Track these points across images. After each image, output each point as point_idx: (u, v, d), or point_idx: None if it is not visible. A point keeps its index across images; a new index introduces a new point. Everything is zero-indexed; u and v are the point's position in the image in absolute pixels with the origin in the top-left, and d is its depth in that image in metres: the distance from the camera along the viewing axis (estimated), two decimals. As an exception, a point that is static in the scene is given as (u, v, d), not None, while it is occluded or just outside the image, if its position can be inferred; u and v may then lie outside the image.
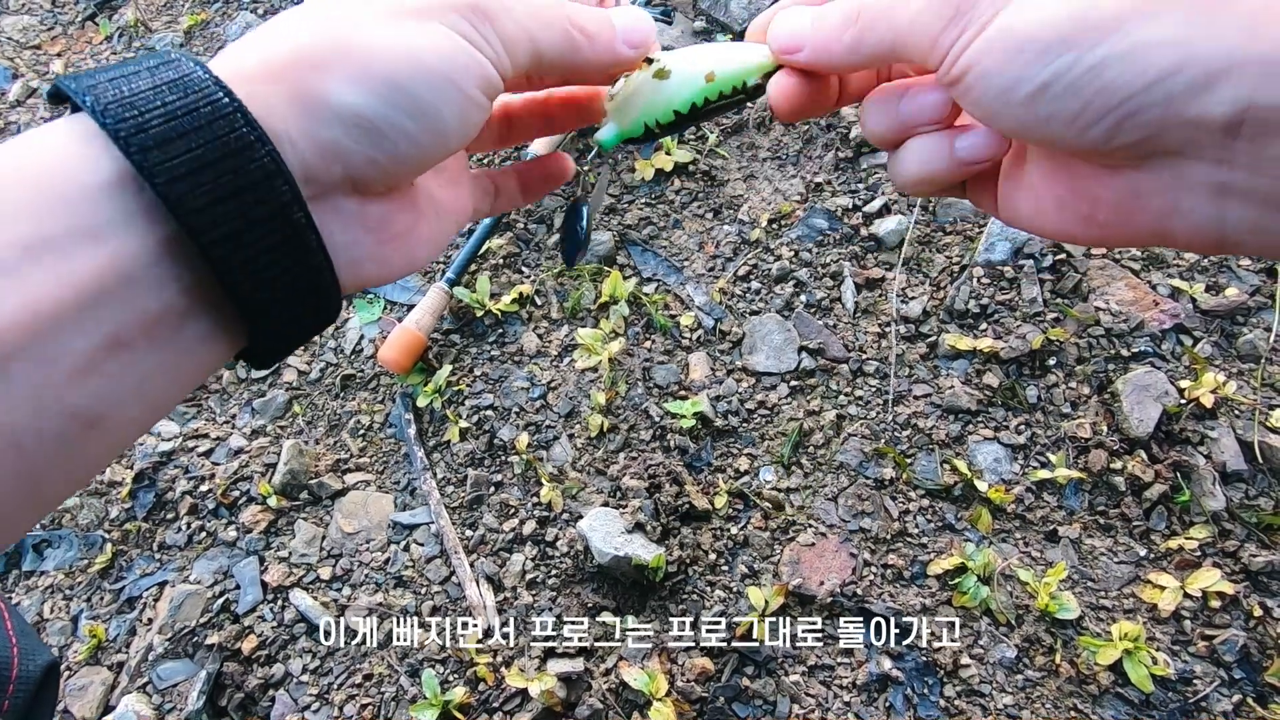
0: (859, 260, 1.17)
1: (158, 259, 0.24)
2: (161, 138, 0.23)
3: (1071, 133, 0.26)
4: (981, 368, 1.06)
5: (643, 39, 0.34)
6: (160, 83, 0.24)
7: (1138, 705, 0.86)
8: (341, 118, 0.26)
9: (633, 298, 1.18)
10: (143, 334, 0.24)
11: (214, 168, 0.23)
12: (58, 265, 0.22)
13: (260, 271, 0.25)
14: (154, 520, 1.13)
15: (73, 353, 0.22)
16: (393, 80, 0.26)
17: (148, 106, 0.23)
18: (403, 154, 0.28)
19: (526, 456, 1.08)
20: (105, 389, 0.24)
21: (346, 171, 0.27)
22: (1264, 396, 0.99)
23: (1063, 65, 0.25)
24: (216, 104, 0.24)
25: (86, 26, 1.80)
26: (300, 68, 0.26)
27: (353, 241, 0.29)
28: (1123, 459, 0.98)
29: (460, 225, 0.37)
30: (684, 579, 0.97)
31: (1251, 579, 0.91)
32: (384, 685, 0.96)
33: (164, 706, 0.97)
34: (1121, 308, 1.06)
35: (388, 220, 0.30)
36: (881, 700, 0.89)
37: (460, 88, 0.28)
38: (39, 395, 0.22)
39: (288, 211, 0.25)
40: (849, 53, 0.32)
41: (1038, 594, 0.91)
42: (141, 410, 0.25)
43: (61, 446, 0.23)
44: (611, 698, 0.90)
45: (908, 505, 1.00)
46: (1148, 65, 0.24)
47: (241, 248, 0.24)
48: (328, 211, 0.27)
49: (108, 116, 0.23)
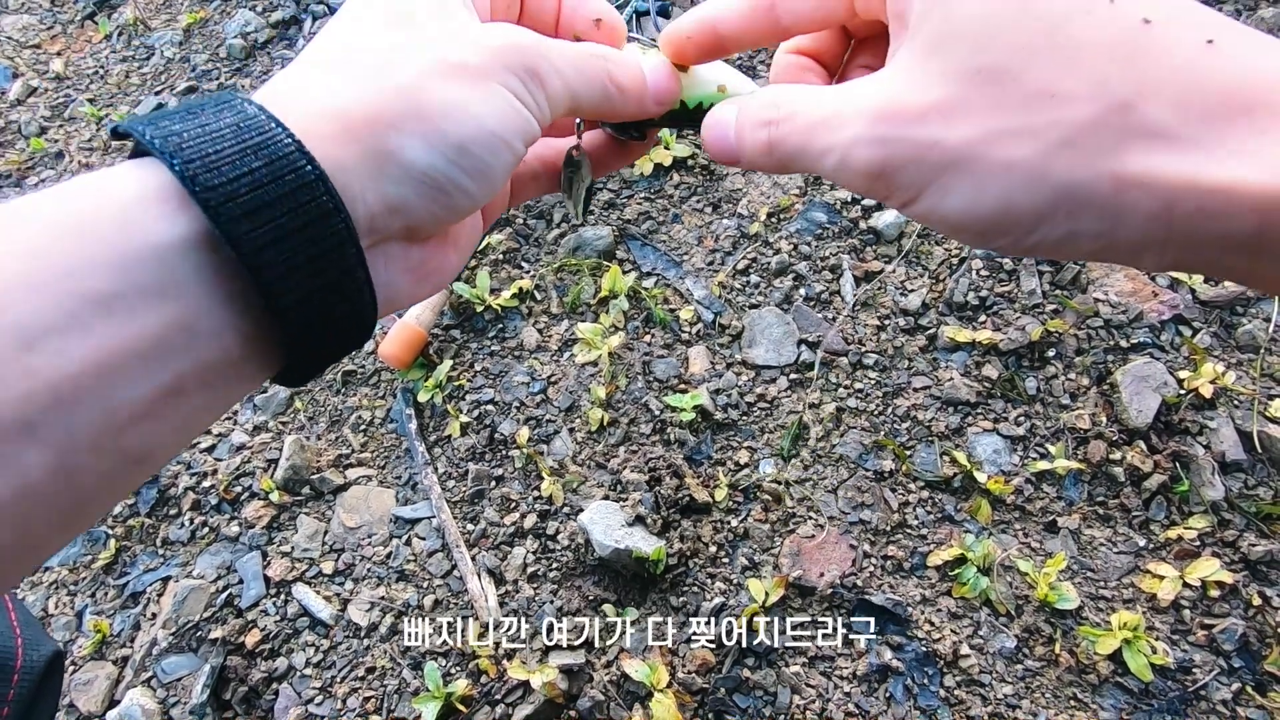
0: (858, 253, 1.17)
1: (221, 312, 0.25)
2: (250, 207, 0.24)
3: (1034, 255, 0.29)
4: (981, 360, 1.06)
5: (670, 97, 0.37)
6: (246, 147, 0.25)
7: (1137, 694, 0.87)
8: (412, 177, 0.27)
9: (632, 292, 1.18)
10: (198, 381, 0.25)
11: (295, 236, 0.24)
12: (126, 320, 0.23)
13: (320, 324, 0.26)
14: (157, 516, 1.13)
15: (133, 400, 0.23)
16: (461, 144, 0.28)
17: (234, 173, 0.24)
18: (459, 207, 0.29)
19: (527, 450, 1.08)
20: (157, 430, 0.25)
21: (406, 223, 0.29)
22: (1263, 386, 0.99)
23: (1002, 245, 0.28)
24: (300, 172, 0.25)
25: (86, 25, 1.80)
26: (375, 126, 0.27)
27: (393, 281, 0.30)
28: (1122, 449, 0.98)
29: (480, 234, 0.39)
30: (684, 571, 0.98)
31: (1250, 568, 0.91)
32: (387, 678, 0.97)
33: (168, 700, 0.98)
34: (1120, 299, 1.06)
35: (428, 260, 0.32)
36: (882, 690, 0.90)
37: (511, 146, 0.29)
38: (98, 439, 0.23)
39: (353, 274, 0.26)
40: (778, 171, 0.34)
41: (1037, 584, 0.91)
42: (181, 442, 0.27)
43: (108, 481, 0.24)
44: (613, 689, 0.91)
45: (907, 497, 1.00)
46: (1079, 246, 0.26)
47: (310, 308, 0.26)
48: (378, 256, 0.29)
49: (196, 184, 0.23)
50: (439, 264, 0.33)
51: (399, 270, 0.30)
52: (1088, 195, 0.25)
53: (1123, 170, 0.24)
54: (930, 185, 0.27)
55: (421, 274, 0.32)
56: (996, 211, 0.26)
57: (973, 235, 0.28)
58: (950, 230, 0.29)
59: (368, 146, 0.26)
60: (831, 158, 0.29)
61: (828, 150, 0.29)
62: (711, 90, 0.38)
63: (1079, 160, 0.25)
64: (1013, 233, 0.27)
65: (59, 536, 0.24)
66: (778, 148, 0.32)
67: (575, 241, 1.23)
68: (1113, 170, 0.24)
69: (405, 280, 0.31)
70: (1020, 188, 0.26)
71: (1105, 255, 0.27)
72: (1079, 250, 0.27)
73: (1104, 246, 0.26)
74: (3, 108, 1.68)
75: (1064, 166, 0.25)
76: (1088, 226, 0.25)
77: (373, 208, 0.27)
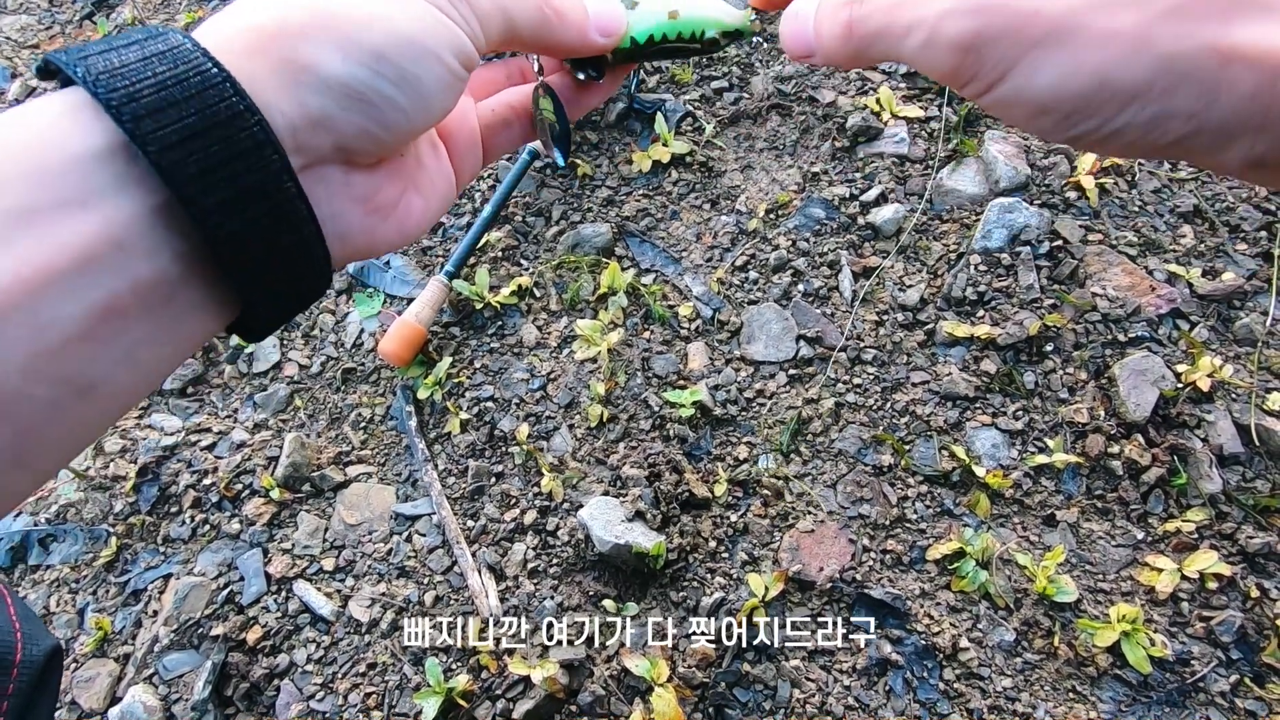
0: (856, 249, 1.18)
1: (150, 227, 0.24)
2: (153, 106, 0.23)
3: (1104, 154, 0.28)
4: (979, 354, 1.07)
5: (614, 28, 0.35)
6: (150, 54, 0.24)
7: (1136, 686, 0.87)
8: (330, 87, 0.26)
9: (631, 289, 1.19)
10: (136, 301, 0.24)
11: (205, 136, 0.24)
12: (48, 233, 0.22)
13: (250, 240, 0.25)
14: (158, 514, 1.14)
15: (65, 319, 0.23)
16: (378, 50, 0.27)
17: (138, 77, 0.24)
18: (390, 122, 0.28)
19: (527, 447, 1.09)
20: (97, 356, 0.24)
21: (336, 141, 0.27)
22: (1261, 380, 0.99)
23: (1087, 129, 0.27)
24: (205, 74, 0.24)
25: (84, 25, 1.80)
26: (286, 37, 0.26)
27: (340, 212, 0.29)
28: (1120, 443, 0.98)
29: (455, 189, 0.37)
30: (684, 566, 0.98)
31: (1248, 561, 0.91)
32: (388, 674, 0.97)
33: (170, 697, 0.98)
34: (1118, 293, 1.06)
35: (375, 191, 0.31)
36: (881, 684, 0.90)
37: (439, 58, 0.29)
38: (30, 362, 0.22)
39: (278, 180, 0.25)
40: (853, 62, 0.32)
41: (1036, 578, 0.92)
42: (132, 378, 0.25)
43: (52, 413, 0.23)
44: (613, 684, 0.91)
45: (906, 491, 1.00)
46: (1167, 131, 0.25)
47: (232, 216, 0.24)
48: (315, 182, 0.28)
49: (99, 86, 0.23)
50: (393, 200, 0.32)
51: (344, 199, 0.29)
52: (1188, 67, 0.24)
53: (1228, 41, 0.23)
54: (1022, 60, 0.26)
55: (374, 207, 0.31)
56: (1091, 87, 0.25)
57: (1057, 119, 0.27)
58: (1032, 113, 0.27)
59: (280, 56, 0.26)
60: (918, 34, 0.28)
61: (915, 25, 0.28)
62: (662, 18, 0.36)
63: (1184, 29, 0.24)
64: (1101, 113, 0.26)
65: (11, 475, 0.23)
66: (858, 28, 0.30)
67: (574, 238, 1.24)
68: (1218, 41, 0.24)
69: (355, 213, 0.30)
70: (1119, 59, 0.25)
71: (1189, 144, 0.25)
72: (1164, 136, 0.25)
73: (1192, 131, 0.25)
74: (1, 108, 1.69)
75: (1168, 36, 0.24)
76: (1181, 104, 0.24)
77: (292, 119, 0.26)
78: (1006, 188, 1.16)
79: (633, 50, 0.37)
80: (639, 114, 1.34)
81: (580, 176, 1.29)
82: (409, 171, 0.33)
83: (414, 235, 0.34)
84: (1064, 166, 1.16)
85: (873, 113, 1.25)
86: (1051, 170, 1.17)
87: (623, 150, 1.32)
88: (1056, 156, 1.18)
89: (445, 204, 0.36)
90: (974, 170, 1.19)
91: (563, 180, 1.31)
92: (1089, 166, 1.14)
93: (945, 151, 1.22)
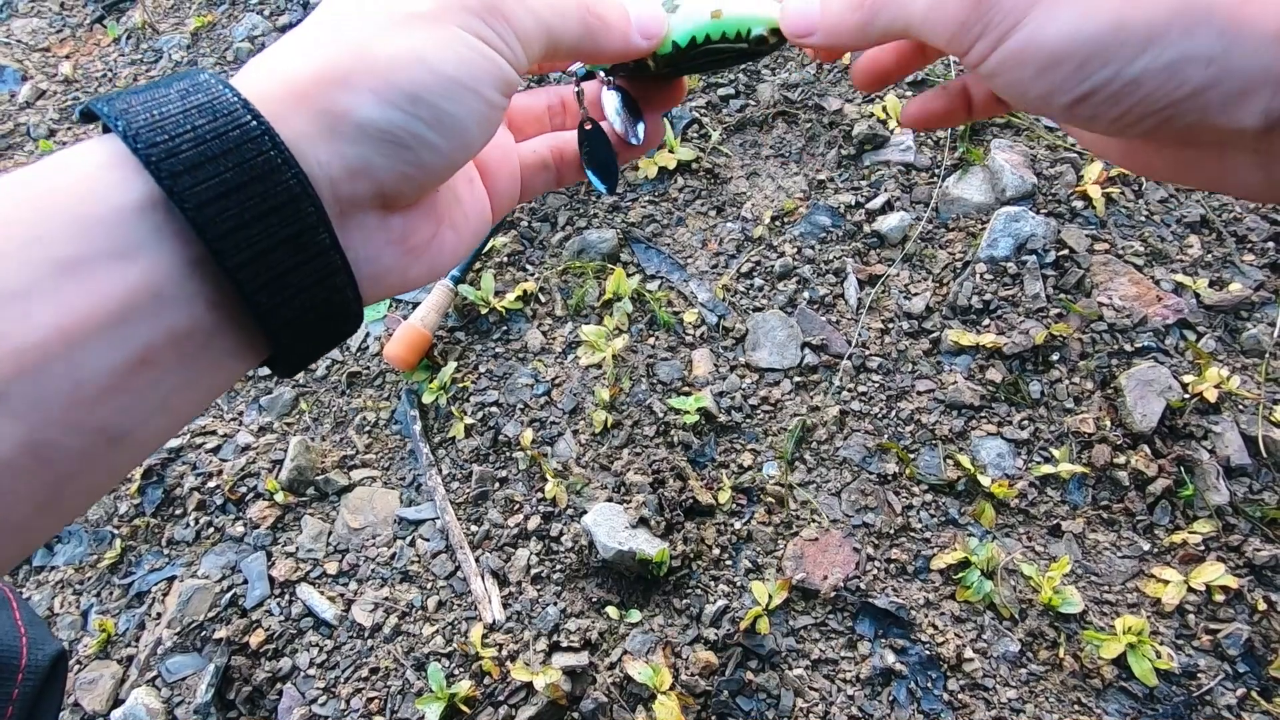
0: (862, 257, 1.17)
1: (186, 278, 0.24)
2: (191, 162, 0.24)
3: (1114, 129, 0.27)
4: (984, 363, 1.06)
5: (655, 29, 0.35)
6: (190, 107, 0.24)
7: (1141, 699, 0.86)
8: (367, 134, 0.26)
9: (636, 295, 1.19)
10: (171, 350, 0.24)
11: (241, 192, 0.24)
12: (89, 284, 0.23)
13: (283, 290, 0.25)
14: (162, 516, 1.14)
15: (102, 370, 0.23)
16: (413, 93, 0.26)
17: (178, 131, 0.24)
18: (428, 164, 0.28)
19: (531, 452, 1.09)
20: (132, 405, 0.24)
21: (375, 186, 0.27)
22: (1268, 391, 0.99)
23: (1101, 79, 0.25)
24: (245, 128, 0.24)
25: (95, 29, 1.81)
26: (324, 85, 0.26)
27: (375, 255, 0.29)
28: (1126, 454, 0.98)
29: (489, 222, 0.36)
30: (688, 574, 0.98)
31: (1255, 573, 0.91)
32: (390, 678, 0.97)
33: (173, 700, 0.98)
34: (1125, 303, 1.06)
35: (412, 232, 0.30)
36: (885, 694, 0.89)
37: (479, 93, 0.28)
38: (69, 412, 0.22)
39: (313, 233, 0.25)
40: (858, 37, 0.32)
41: (1041, 588, 0.91)
42: (165, 424, 0.26)
43: (85, 461, 0.24)
44: (616, 691, 0.91)
45: (911, 500, 1.00)
46: (1185, 80, 0.24)
47: (265, 268, 0.25)
48: (353, 228, 0.28)
49: (139, 141, 0.23)
50: (427, 239, 0.31)
51: (380, 242, 0.29)
52: (1207, 5, 0.23)
53: None
54: (1035, 7, 0.26)
55: (408, 247, 0.30)
56: (1107, 29, 0.25)
57: (1069, 70, 0.26)
58: (1043, 66, 0.26)
59: (317, 107, 0.26)
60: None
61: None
62: (704, 19, 0.35)
63: None
64: (1118, 58, 0.25)
65: (40, 519, 0.24)
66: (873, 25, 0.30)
67: (579, 244, 1.24)
68: None
69: (390, 254, 0.30)
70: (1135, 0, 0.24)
71: (1206, 98, 0.24)
72: (1181, 86, 0.24)
73: (1211, 79, 0.24)
74: (12, 110, 1.70)
75: None
76: (1201, 46, 0.24)
77: (331, 170, 0.26)
78: (1013, 196, 1.16)
79: (675, 55, 0.35)
80: (645, 120, 1.34)
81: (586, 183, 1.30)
82: (444, 208, 0.33)
83: (445, 270, 0.33)
84: (1070, 176, 1.16)
85: (879, 120, 1.25)
86: (1058, 179, 1.16)
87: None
88: (1063, 166, 1.18)
89: (477, 237, 0.35)
90: (980, 179, 1.19)
91: (569, 186, 1.31)
92: (1095, 176, 1.14)
93: (951, 160, 1.22)
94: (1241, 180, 0.28)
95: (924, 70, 1.29)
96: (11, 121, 1.68)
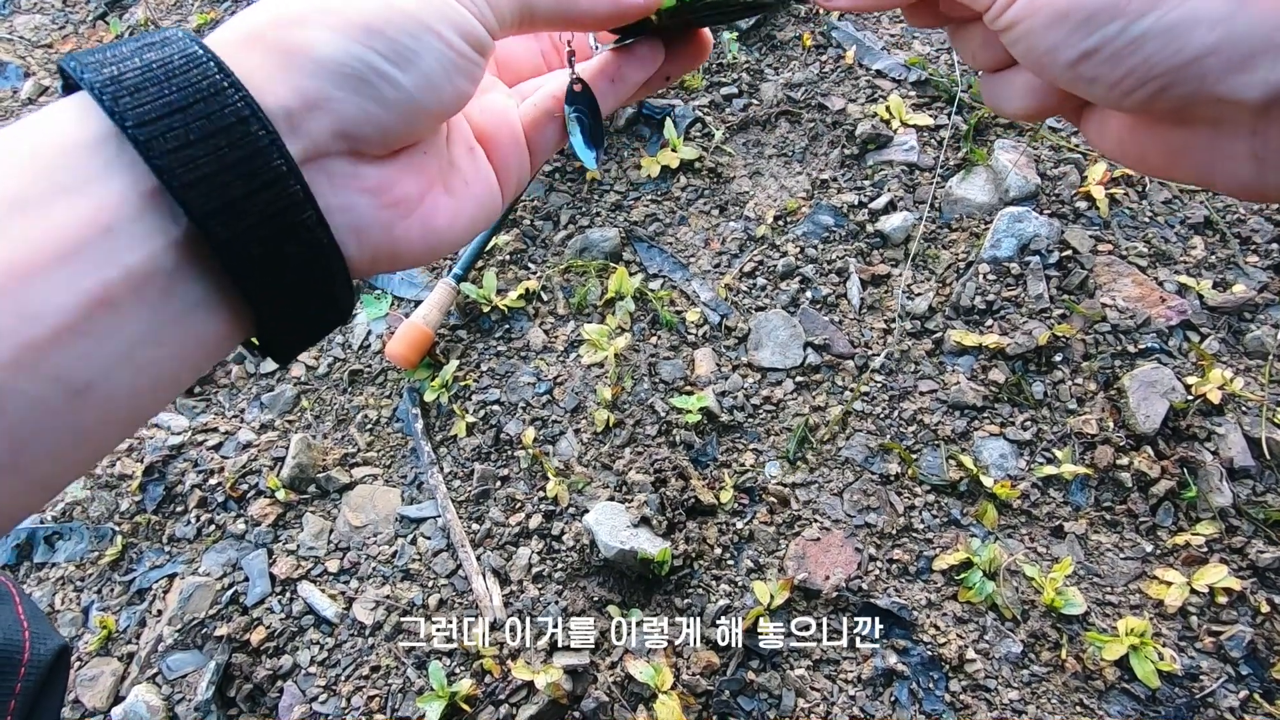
0: (865, 256, 1.17)
1: (140, 211, 0.23)
2: (135, 85, 0.23)
3: (1114, 95, 0.27)
4: (987, 364, 1.06)
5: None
6: (143, 45, 0.25)
7: (1144, 701, 0.86)
8: (324, 67, 0.25)
9: (639, 294, 1.19)
10: (129, 291, 0.23)
11: (185, 111, 0.23)
12: (38, 219, 0.22)
13: (240, 219, 0.24)
14: (163, 513, 1.14)
15: (55, 309, 0.22)
16: (370, 26, 0.26)
17: (127, 65, 0.24)
18: (391, 102, 0.27)
19: (533, 451, 1.08)
20: (91, 352, 0.23)
21: (336, 125, 0.26)
22: (1272, 393, 0.99)
23: (1107, 35, 0.26)
24: (191, 55, 0.24)
25: (97, 25, 1.81)
26: (280, 25, 0.26)
27: (350, 205, 0.27)
28: (1129, 455, 0.97)
29: (499, 194, 0.35)
30: (689, 573, 0.98)
31: (1259, 575, 0.90)
32: (391, 677, 0.97)
33: (173, 697, 0.98)
34: (1128, 304, 1.06)
35: (389, 183, 0.29)
36: (887, 695, 0.89)
37: (438, 33, 0.27)
38: (19, 354, 0.21)
39: (265, 157, 0.24)
40: None
41: (1043, 589, 0.91)
42: (133, 380, 0.24)
43: (44, 412, 0.22)
44: (617, 690, 0.91)
45: (913, 501, 1.00)
46: (1188, 42, 0.24)
47: (215, 192, 0.23)
48: (317, 172, 0.26)
49: (86, 72, 0.23)
50: (413, 196, 0.30)
51: (352, 191, 0.27)
52: None
53: None
54: None
55: (390, 200, 0.29)
56: None
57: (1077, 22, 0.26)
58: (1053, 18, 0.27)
59: (271, 44, 0.25)
60: None
61: None
62: None
63: None
64: (1124, 15, 0.25)
65: (2, 479, 0.22)
66: None
67: (582, 243, 1.24)
68: None
69: (367, 203, 0.28)
70: None
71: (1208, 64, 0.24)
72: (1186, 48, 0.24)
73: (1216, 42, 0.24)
74: (15, 106, 1.70)
75: None
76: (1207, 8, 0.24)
77: (286, 102, 0.25)
78: (1016, 197, 1.15)
79: (679, 8, 0.33)
80: (648, 119, 1.34)
81: (589, 181, 1.30)
82: (434, 170, 0.31)
83: (447, 237, 0.31)
84: (1074, 176, 1.16)
85: (882, 120, 1.25)
86: (1061, 180, 1.16)
87: (631, 155, 1.32)
88: (1066, 166, 1.18)
89: (484, 209, 0.34)
90: (983, 179, 1.19)
91: (571, 185, 1.31)
92: (1099, 177, 1.14)
93: (955, 160, 1.22)
94: (1231, 171, 0.27)
95: (925, 71, 1.29)
96: (14, 118, 1.68)
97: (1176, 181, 1.01)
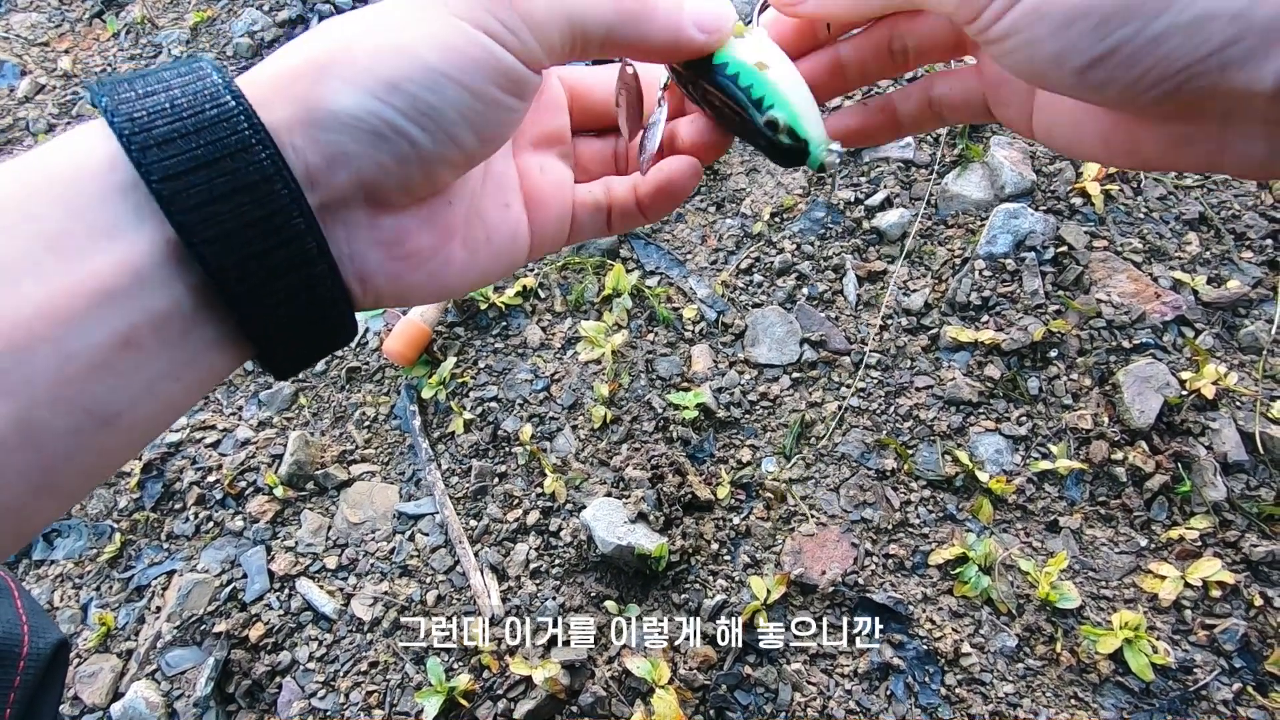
0: (861, 253, 1.18)
1: (165, 259, 0.24)
2: (163, 137, 0.23)
3: (1125, 98, 0.26)
4: (983, 359, 1.07)
5: (716, 24, 0.30)
6: (174, 85, 0.24)
7: (1138, 694, 0.87)
8: (342, 122, 0.25)
9: (635, 290, 1.19)
10: (153, 334, 0.24)
11: (211, 168, 0.23)
12: (76, 262, 0.23)
13: (255, 275, 0.24)
14: (162, 510, 1.14)
15: (89, 348, 0.23)
16: (389, 81, 0.25)
17: (157, 108, 0.24)
18: (409, 158, 0.26)
19: (530, 447, 1.09)
20: (119, 387, 0.24)
21: (355, 177, 0.26)
22: (1265, 388, 0.99)
23: (1123, 36, 0.24)
24: (223, 107, 0.24)
25: (94, 23, 1.81)
26: (307, 74, 0.26)
27: (360, 254, 0.28)
28: (1124, 450, 0.98)
29: (524, 250, 0.34)
30: (686, 568, 0.98)
31: (1252, 569, 0.91)
32: (389, 673, 0.97)
33: (172, 693, 0.98)
34: (1123, 300, 1.06)
35: (404, 235, 0.29)
36: (883, 688, 0.90)
37: (464, 85, 0.26)
38: (56, 391, 0.22)
39: (286, 216, 0.24)
40: (855, 5, 0.30)
41: (1039, 584, 0.92)
42: (155, 410, 0.25)
43: (76, 442, 0.24)
44: (615, 685, 0.91)
45: (909, 496, 1.00)
46: (1210, 35, 0.23)
47: (234, 249, 0.24)
48: (336, 222, 0.27)
49: (117, 116, 0.24)
50: (427, 249, 0.30)
51: (366, 242, 0.28)
52: None
53: None
54: None
55: (401, 253, 0.29)
56: None
57: (1089, 26, 0.24)
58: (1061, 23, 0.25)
59: (295, 95, 0.25)
60: None
61: None
62: (749, 63, 0.31)
63: None
64: (1140, 15, 0.23)
65: (36, 502, 0.24)
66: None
67: (579, 240, 1.24)
68: None
69: (376, 255, 0.28)
70: None
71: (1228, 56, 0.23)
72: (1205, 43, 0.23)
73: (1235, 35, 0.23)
74: (11, 105, 1.69)
75: None
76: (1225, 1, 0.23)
77: (307, 156, 0.25)
78: (1012, 193, 1.16)
79: (698, 69, 0.32)
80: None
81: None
82: (456, 221, 0.31)
83: (456, 287, 0.31)
84: (1069, 173, 1.16)
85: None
86: (1057, 176, 1.17)
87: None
88: (1062, 162, 1.18)
89: (501, 264, 0.33)
90: (979, 175, 1.19)
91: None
92: (1094, 173, 1.14)
93: (951, 156, 1.22)
94: (1242, 153, 0.27)
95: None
96: (10, 116, 1.68)
97: (1176, 171, 1.00)
